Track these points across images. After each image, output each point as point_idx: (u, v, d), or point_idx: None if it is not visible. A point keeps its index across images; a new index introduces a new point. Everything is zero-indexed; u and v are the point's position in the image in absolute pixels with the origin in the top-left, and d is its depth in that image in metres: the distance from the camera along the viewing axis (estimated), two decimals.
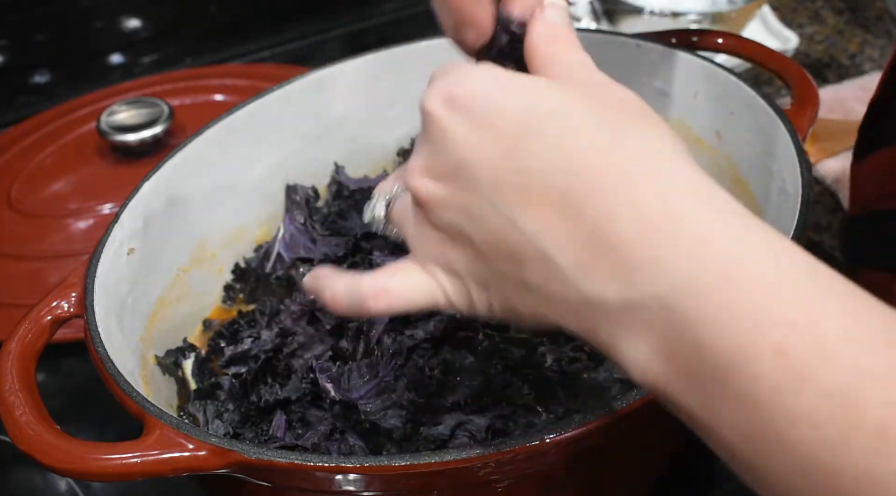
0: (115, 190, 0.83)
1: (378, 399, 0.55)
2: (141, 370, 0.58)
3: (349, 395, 0.55)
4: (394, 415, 0.54)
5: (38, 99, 1.03)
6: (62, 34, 1.03)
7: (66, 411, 0.65)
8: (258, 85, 0.89)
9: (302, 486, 0.46)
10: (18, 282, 0.78)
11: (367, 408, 0.54)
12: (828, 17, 1.07)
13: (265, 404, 0.57)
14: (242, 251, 0.71)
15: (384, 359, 0.56)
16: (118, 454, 0.44)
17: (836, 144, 0.83)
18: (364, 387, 0.55)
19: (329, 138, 0.74)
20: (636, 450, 0.53)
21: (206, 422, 0.58)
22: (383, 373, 0.55)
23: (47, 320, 0.53)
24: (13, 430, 0.46)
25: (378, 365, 0.56)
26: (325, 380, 0.55)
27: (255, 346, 0.62)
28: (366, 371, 0.56)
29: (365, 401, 0.54)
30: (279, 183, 0.72)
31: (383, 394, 0.55)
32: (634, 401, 0.43)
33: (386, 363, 0.56)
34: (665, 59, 0.69)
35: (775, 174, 0.59)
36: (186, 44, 1.09)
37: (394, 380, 0.55)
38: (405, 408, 0.54)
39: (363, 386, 0.55)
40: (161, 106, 0.86)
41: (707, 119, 0.68)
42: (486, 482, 0.45)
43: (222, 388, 0.60)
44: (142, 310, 0.61)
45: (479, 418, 0.53)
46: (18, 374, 0.48)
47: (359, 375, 0.55)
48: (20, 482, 0.67)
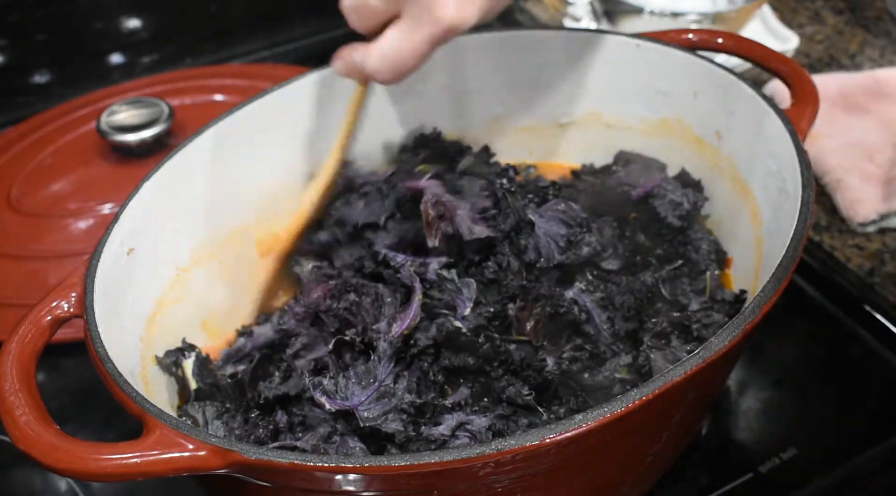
0: (115, 190, 0.83)
1: (378, 404, 0.54)
2: (141, 370, 0.58)
3: (347, 403, 0.54)
4: (395, 419, 0.53)
5: (38, 99, 1.03)
6: (62, 34, 1.03)
7: (66, 411, 0.65)
8: (258, 85, 0.89)
9: (302, 486, 0.46)
10: (18, 282, 0.78)
11: (366, 414, 0.53)
12: (828, 17, 1.07)
13: (265, 401, 0.57)
14: (242, 251, 0.71)
15: (382, 363, 0.55)
16: (118, 454, 0.44)
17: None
18: (363, 394, 0.54)
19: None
20: (636, 449, 0.53)
21: (205, 423, 0.58)
22: (382, 377, 0.55)
23: (47, 320, 0.53)
24: (13, 430, 0.46)
25: (376, 369, 0.55)
26: (320, 395, 0.54)
27: (249, 342, 0.61)
28: (363, 376, 0.55)
29: (364, 407, 0.54)
30: (279, 183, 0.72)
31: (383, 399, 0.54)
32: (635, 401, 0.43)
33: (385, 366, 0.55)
34: (665, 59, 0.69)
35: (775, 174, 0.59)
36: (186, 44, 1.09)
37: (393, 383, 0.55)
38: (405, 411, 0.54)
39: (361, 392, 0.54)
40: (161, 106, 0.86)
41: (707, 119, 0.68)
42: (486, 482, 0.45)
43: (220, 389, 0.60)
44: (142, 310, 0.61)
45: (481, 418, 0.53)
46: (18, 374, 0.48)
47: (356, 381, 0.55)
48: (20, 482, 0.67)
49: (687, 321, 0.58)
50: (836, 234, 0.80)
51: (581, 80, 0.73)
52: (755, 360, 0.71)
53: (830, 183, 0.83)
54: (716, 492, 0.61)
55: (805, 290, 0.75)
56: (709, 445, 0.65)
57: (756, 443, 0.64)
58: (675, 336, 0.58)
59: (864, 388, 0.69)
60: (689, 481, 0.62)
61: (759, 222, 0.62)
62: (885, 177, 0.82)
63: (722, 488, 0.61)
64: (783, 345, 0.72)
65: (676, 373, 0.44)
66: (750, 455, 0.63)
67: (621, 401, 0.43)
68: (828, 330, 0.73)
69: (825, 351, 0.72)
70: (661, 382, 0.44)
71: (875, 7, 1.08)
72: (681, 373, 0.44)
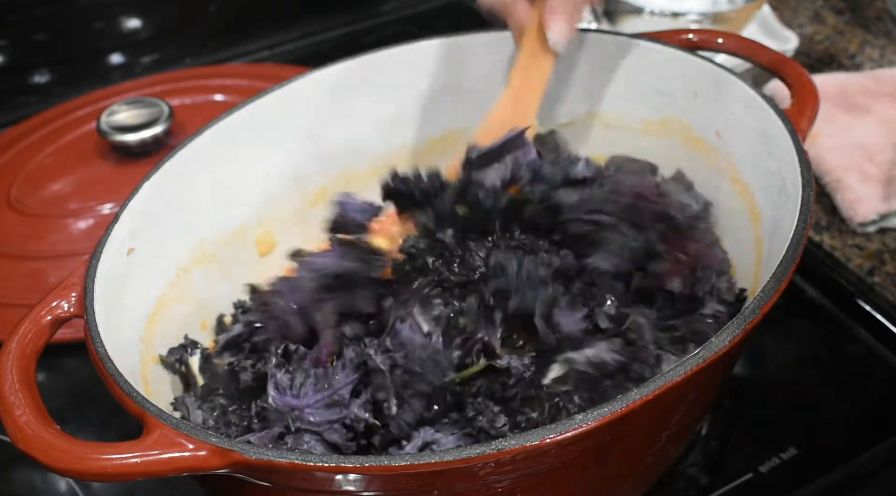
0: (115, 190, 0.83)
1: (326, 411, 0.53)
2: (141, 370, 0.58)
3: (293, 402, 0.53)
4: (338, 430, 0.52)
5: (38, 99, 1.03)
6: (62, 34, 1.03)
7: (66, 411, 0.65)
8: (258, 85, 0.89)
9: (302, 486, 0.46)
10: (18, 282, 0.78)
11: (311, 418, 0.52)
12: (828, 17, 1.07)
13: (243, 387, 0.57)
14: (242, 251, 0.71)
15: (344, 372, 0.54)
16: (118, 454, 0.44)
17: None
18: (314, 396, 0.53)
19: (329, 138, 0.74)
20: (636, 449, 0.53)
21: (187, 415, 0.58)
22: (338, 386, 0.54)
23: (47, 320, 0.53)
24: (13, 430, 0.46)
25: (335, 376, 0.54)
26: (272, 388, 0.53)
27: (246, 331, 0.61)
28: (321, 378, 0.54)
29: (311, 410, 0.53)
30: (279, 182, 0.72)
31: (333, 408, 0.53)
32: (635, 401, 0.43)
33: (346, 375, 0.54)
34: (665, 59, 0.69)
35: (775, 174, 0.59)
36: (186, 44, 1.09)
37: (349, 395, 0.53)
38: (352, 428, 0.52)
39: (313, 394, 0.53)
40: (161, 106, 0.86)
41: (707, 119, 0.68)
42: (486, 482, 0.45)
43: (218, 377, 0.60)
44: (142, 310, 0.61)
45: (447, 437, 0.52)
46: (18, 374, 0.48)
47: (314, 382, 0.54)
48: (20, 482, 0.67)
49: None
50: (836, 234, 0.80)
51: (581, 80, 0.73)
52: (755, 360, 0.71)
53: (830, 183, 0.83)
54: (716, 492, 0.61)
55: (805, 290, 0.75)
56: (709, 445, 0.65)
57: (756, 443, 0.64)
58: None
59: (864, 388, 0.69)
60: (689, 481, 0.62)
61: (759, 222, 0.62)
62: (885, 177, 0.82)
63: (722, 488, 0.61)
64: (783, 345, 0.72)
65: (676, 373, 0.44)
66: (750, 455, 0.63)
67: (621, 401, 0.43)
68: (828, 330, 0.73)
69: (825, 351, 0.72)
70: (661, 382, 0.44)
71: (875, 7, 1.08)
72: (681, 373, 0.44)
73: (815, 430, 0.65)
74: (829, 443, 0.64)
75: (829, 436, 0.65)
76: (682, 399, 0.50)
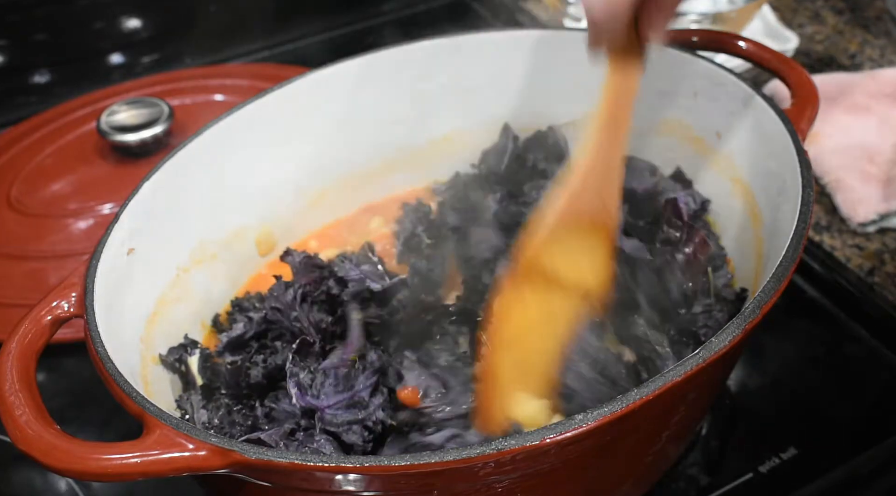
0: (115, 190, 0.83)
1: (346, 412, 0.53)
2: (141, 370, 0.58)
3: (314, 402, 0.53)
4: (357, 431, 0.53)
5: (38, 99, 1.03)
6: (62, 34, 1.03)
7: (66, 411, 0.65)
8: (258, 85, 0.89)
9: (302, 486, 0.46)
10: (18, 282, 0.78)
11: (331, 419, 0.53)
12: (828, 17, 1.07)
13: (249, 387, 0.57)
14: (242, 251, 0.71)
15: (366, 373, 0.55)
16: (118, 454, 0.44)
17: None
18: (334, 397, 0.54)
19: (328, 138, 0.74)
20: (636, 449, 0.53)
21: (192, 414, 0.58)
22: (360, 387, 0.54)
23: (47, 320, 0.53)
24: (13, 430, 0.46)
25: (357, 377, 0.55)
26: (293, 386, 0.54)
27: (248, 329, 0.61)
28: (342, 380, 0.54)
29: (332, 411, 0.53)
30: (279, 182, 0.72)
31: (354, 409, 0.54)
32: (635, 401, 0.43)
33: (367, 377, 0.55)
34: (665, 59, 0.69)
35: (775, 174, 0.59)
36: (186, 44, 1.09)
37: (369, 397, 0.54)
38: (370, 429, 0.53)
39: (334, 395, 0.54)
40: (161, 106, 0.86)
41: (707, 119, 0.68)
42: (486, 482, 0.45)
43: (220, 375, 0.60)
44: (142, 310, 0.61)
45: (471, 434, 0.53)
46: (18, 374, 0.48)
47: (333, 383, 0.54)
48: (20, 482, 0.67)
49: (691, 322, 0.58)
50: (836, 234, 0.80)
51: (581, 80, 0.73)
52: (755, 360, 0.71)
53: (830, 183, 0.83)
54: (716, 492, 0.61)
55: (805, 290, 0.75)
56: (709, 445, 0.65)
57: (756, 443, 0.64)
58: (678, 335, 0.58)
59: (864, 388, 0.69)
60: (689, 481, 0.62)
61: (759, 222, 0.62)
62: (885, 177, 0.82)
63: (722, 488, 0.61)
64: (783, 345, 0.72)
65: (676, 373, 0.44)
66: (750, 455, 0.63)
67: (621, 401, 0.43)
68: (828, 330, 0.73)
69: (825, 351, 0.72)
70: (661, 382, 0.44)
71: (875, 7, 1.08)
72: (681, 373, 0.44)
73: (815, 430, 0.65)
74: (829, 443, 0.64)
75: (829, 436, 0.65)
76: (681, 399, 0.50)
